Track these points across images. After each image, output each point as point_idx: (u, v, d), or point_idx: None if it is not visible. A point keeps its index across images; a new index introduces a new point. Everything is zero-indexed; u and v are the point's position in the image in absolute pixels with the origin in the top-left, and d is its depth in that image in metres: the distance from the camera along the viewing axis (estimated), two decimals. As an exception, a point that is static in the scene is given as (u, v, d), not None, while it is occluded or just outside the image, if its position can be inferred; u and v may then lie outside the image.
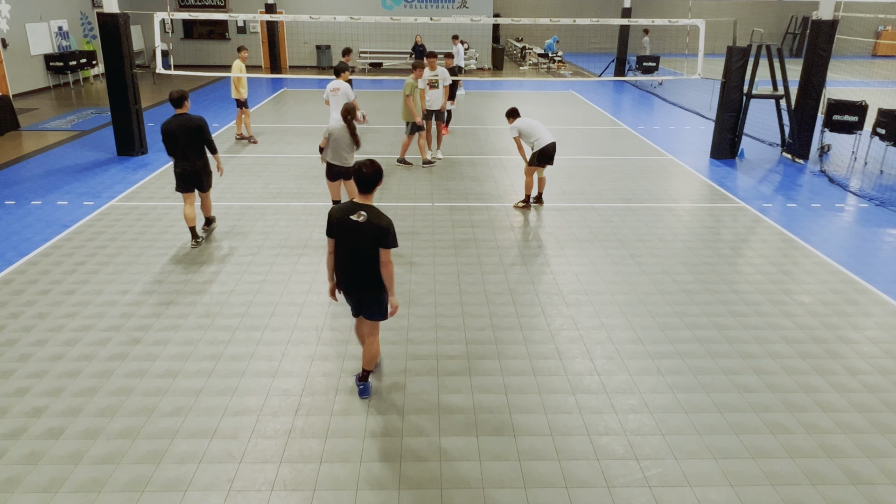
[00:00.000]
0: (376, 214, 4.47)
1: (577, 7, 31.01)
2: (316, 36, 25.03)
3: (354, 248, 4.51)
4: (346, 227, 4.50)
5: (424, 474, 4.17)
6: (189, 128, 7.23)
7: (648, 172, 11.19)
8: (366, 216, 4.45)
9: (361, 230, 4.45)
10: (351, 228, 4.48)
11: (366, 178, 4.47)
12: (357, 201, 4.55)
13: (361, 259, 4.52)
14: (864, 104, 11.59)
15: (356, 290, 4.67)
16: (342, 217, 4.50)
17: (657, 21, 13.44)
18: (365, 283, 4.60)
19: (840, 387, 5.15)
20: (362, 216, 4.45)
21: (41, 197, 9.50)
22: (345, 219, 4.49)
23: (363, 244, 4.47)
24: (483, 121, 15.38)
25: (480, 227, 8.48)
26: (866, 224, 8.83)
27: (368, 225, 4.44)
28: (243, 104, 12.66)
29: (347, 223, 4.49)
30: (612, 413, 4.79)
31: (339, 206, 4.58)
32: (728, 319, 6.17)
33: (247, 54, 12.59)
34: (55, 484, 4.04)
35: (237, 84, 12.37)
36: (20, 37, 17.79)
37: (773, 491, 4.06)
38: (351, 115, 7.39)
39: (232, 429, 4.57)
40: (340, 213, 4.52)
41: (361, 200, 4.55)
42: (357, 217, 4.46)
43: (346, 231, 4.51)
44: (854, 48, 32.28)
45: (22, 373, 5.18)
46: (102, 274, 6.97)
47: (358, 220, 4.45)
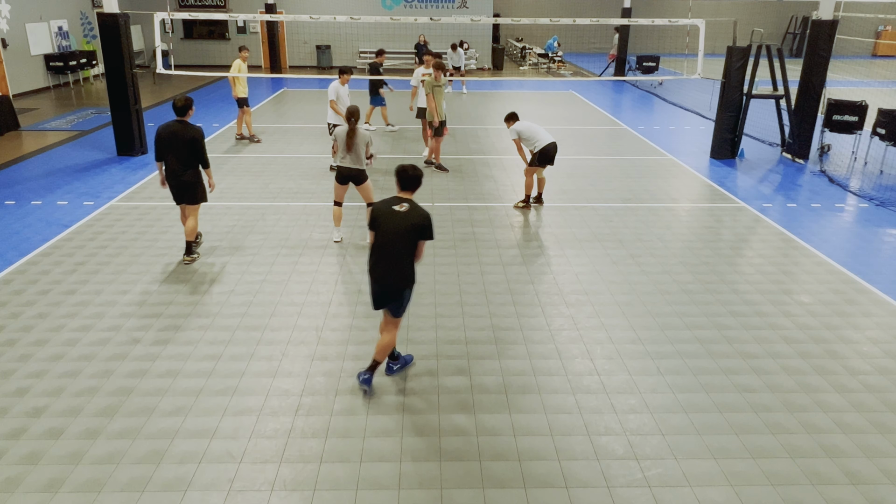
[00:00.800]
0: (417, 207, 4.81)
1: (577, 7, 31.01)
2: (316, 36, 25.03)
3: (393, 240, 4.76)
4: (388, 217, 4.79)
5: (424, 474, 4.17)
6: (182, 138, 6.86)
7: (648, 172, 11.19)
8: (408, 207, 4.79)
9: (403, 220, 4.75)
10: (393, 218, 4.77)
11: (410, 178, 4.86)
12: (399, 196, 4.89)
13: (397, 251, 4.78)
14: (864, 104, 11.59)
15: (384, 284, 4.86)
16: (386, 208, 4.82)
17: (657, 21, 13.44)
18: (394, 277, 4.81)
19: (840, 387, 5.15)
20: (405, 206, 4.79)
21: (41, 197, 9.50)
22: (388, 209, 4.81)
23: (402, 234, 4.74)
24: (483, 121, 15.38)
25: (480, 227, 8.48)
26: (866, 224, 8.83)
27: (410, 215, 4.75)
28: (244, 103, 12.65)
29: (390, 213, 4.79)
30: (612, 413, 4.79)
31: (384, 200, 4.90)
32: (728, 319, 6.17)
33: (247, 54, 12.55)
34: (55, 484, 4.04)
35: (235, 83, 12.36)
36: (20, 37, 17.79)
37: (773, 491, 4.06)
38: (354, 117, 7.29)
39: (232, 429, 4.57)
40: (384, 205, 4.85)
41: (402, 195, 4.89)
42: (400, 207, 4.79)
43: (387, 221, 4.79)
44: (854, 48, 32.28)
45: (22, 373, 5.18)
46: (102, 274, 6.97)
47: (400, 210, 4.78)
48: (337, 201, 7.84)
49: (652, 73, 21.70)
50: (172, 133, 6.90)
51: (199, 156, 6.99)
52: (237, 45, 25.14)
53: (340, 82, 10.52)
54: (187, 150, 6.91)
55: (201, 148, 6.98)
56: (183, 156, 6.93)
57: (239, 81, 12.37)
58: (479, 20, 13.87)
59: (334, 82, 10.53)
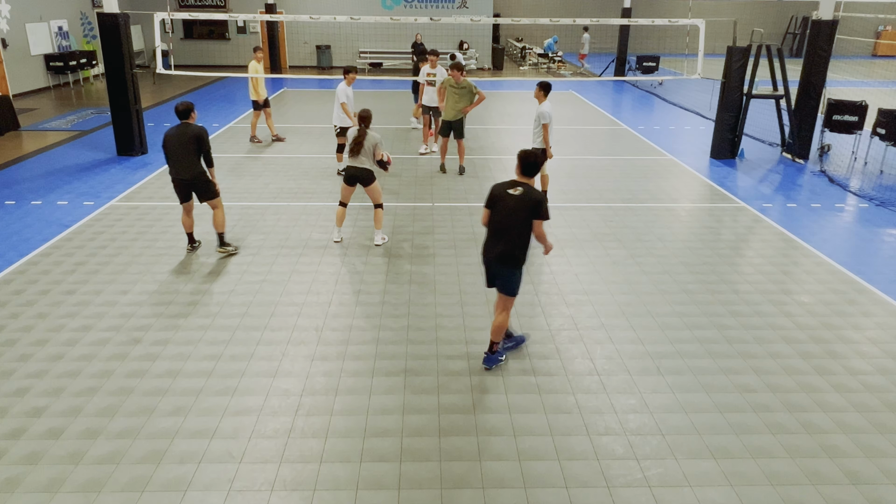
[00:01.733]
0: (531, 189, 5.03)
1: (577, 7, 31.02)
2: (316, 36, 25.03)
3: (506, 221, 5.01)
4: (503, 199, 5.03)
5: (424, 474, 4.17)
6: (185, 137, 6.96)
7: (648, 172, 11.19)
8: (522, 190, 5.00)
9: (517, 202, 4.97)
10: (508, 200, 5.01)
11: (531, 164, 5.07)
12: (516, 180, 5.09)
13: (509, 232, 5.01)
14: (864, 104, 11.59)
15: (496, 263, 5.12)
16: (502, 191, 5.06)
17: (657, 21, 13.44)
18: (506, 257, 5.05)
19: (840, 387, 5.15)
20: (519, 190, 5.00)
21: (41, 197, 9.50)
22: (504, 192, 5.04)
23: (516, 215, 4.98)
24: (483, 121, 15.38)
25: (480, 227, 8.47)
26: (866, 224, 8.83)
27: (525, 197, 4.96)
28: (262, 105, 12.54)
29: (506, 196, 5.02)
30: (612, 413, 4.79)
31: (501, 183, 5.11)
32: (728, 319, 6.17)
33: (262, 54, 12.43)
34: (55, 484, 4.04)
35: (255, 84, 12.25)
36: (20, 37, 17.79)
37: (773, 491, 4.06)
38: (366, 122, 7.34)
39: (232, 429, 4.57)
40: (501, 188, 5.08)
41: (520, 179, 5.09)
42: (514, 191, 5.01)
43: (503, 202, 5.03)
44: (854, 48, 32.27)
45: (22, 373, 5.18)
46: (102, 274, 6.97)
47: (515, 194, 4.99)
48: (342, 202, 7.79)
49: (652, 73, 21.70)
50: (176, 133, 7.03)
51: (204, 153, 7.09)
52: (237, 45, 25.20)
53: (346, 83, 10.22)
54: (192, 148, 7.00)
55: (206, 144, 7.07)
56: (187, 154, 7.01)
57: (258, 83, 12.25)
58: (479, 20, 13.87)
59: (341, 84, 10.20)
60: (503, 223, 5.02)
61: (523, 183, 5.06)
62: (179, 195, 7.29)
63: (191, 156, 7.03)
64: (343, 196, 7.75)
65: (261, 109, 12.54)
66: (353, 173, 7.50)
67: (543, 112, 8.47)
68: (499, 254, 5.05)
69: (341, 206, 7.82)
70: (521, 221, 4.97)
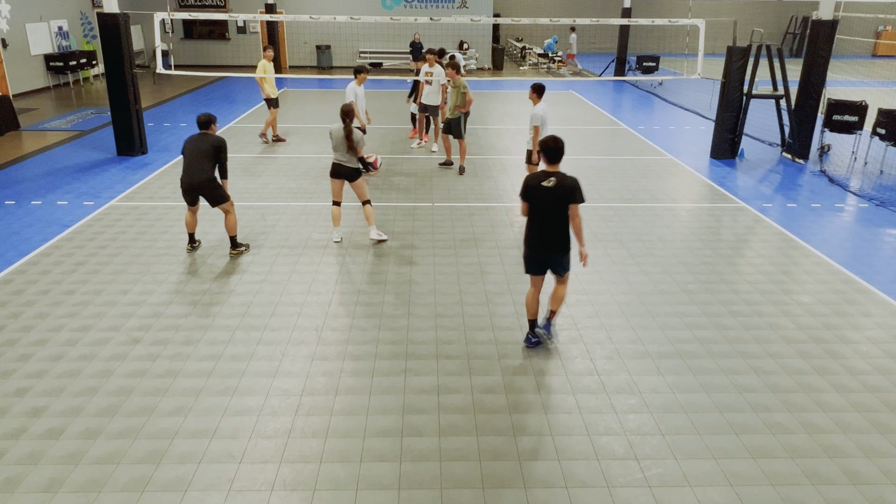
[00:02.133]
0: (563, 177, 5.17)
1: (577, 7, 31.01)
2: (316, 36, 25.04)
3: (546, 211, 5.21)
4: (539, 192, 5.20)
5: (424, 474, 4.17)
6: (205, 144, 7.15)
7: (648, 172, 11.19)
8: (555, 181, 5.15)
9: (552, 193, 5.15)
10: (543, 193, 5.18)
11: (553, 150, 5.22)
12: (547, 170, 5.26)
13: (552, 221, 5.23)
14: (864, 104, 11.58)
15: (546, 252, 5.35)
16: (535, 185, 5.20)
17: (657, 21, 13.45)
18: (554, 245, 5.30)
19: (840, 387, 5.15)
20: (552, 181, 5.15)
21: (41, 197, 9.50)
22: (537, 186, 5.19)
23: (554, 205, 5.17)
24: (483, 121, 15.38)
25: (480, 227, 8.48)
26: (866, 224, 8.83)
27: (558, 188, 5.14)
28: (274, 103, 12.53)
29: (540, 189, 5.18)
30: (612, 413, 4.79)
31: (534, 175, 5.27)
32: (728, 319, 6.17)
33: (272, 53, 12.43)
34: (55, 484, 4.04)
35: (262, 83, 12.26)
36: (20, 37, 17.79)
37: (773, 491, 4.06)
38: (349, 117, 7.40)
39: (232, 429, 4.57)
40: (534, 181, 5.22)
41: (550, 169, 5.27)
42: (547, 183, 5.16)
43: (539, 196, 5.21)
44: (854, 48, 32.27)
45: (22, 373, 5.18)
46: (102, 274, 6.97)
47: (549, 186, 5.16)
48: (335, 201, 7.82)
49: (652, 73, 21.70)
50: (194, 142, 7.21)
51: (220, 163, 7.24)
52: (237, 45, 25.20)
53: (357, 82, 10.09)
54: (209, 155, 7.14)
55: (223, 155, 7.24)
56: (200, 160, 7.12)
57: (267, 81, 12.26)
58: (479, 20, 13.88)
59: (351, 83, 10.09)
60: (544, 216, 5.24)
61: (554, 172, 5.22)
62: (188, 200, 7.32)
63: (205, 162, 7.14)
64: (335, 194, 7.77)
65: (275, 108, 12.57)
66: (338, 170, 7.62)
67: (535, 114, 8.42)
68: (550, 245, 5.31)
69: (335, 206, 7.84)
70: (560, 211, 5.20)
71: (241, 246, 7.59)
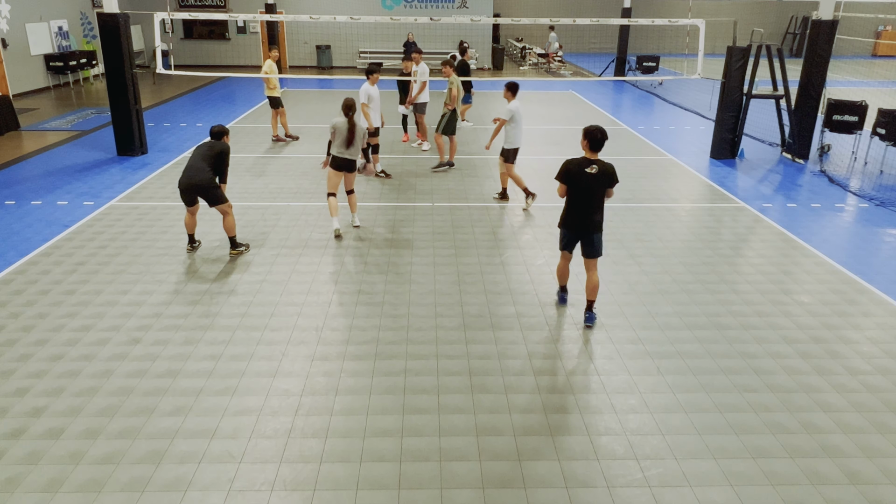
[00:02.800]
0: (603, 164, 5.70)
1: (577, 7, 31.01)
2: (316, 36, 25.04)
3: (587, 198, 5.73)
4: (582, 178, 5.69)
5: (424, 474, 4.17)
6: (213, 149, 7.27)
7: (648, 172, 11.19)
8: (597, 168, 5.66)
9: (596, 180, 5.68)
10: (586, 179, 5.68)
11: (598, 140, 5.68)
12: (588, 157, 5.72)
13: (593, 203, 5.74)
14: (864, 104, 11.58)
15: (583, 232, 5.84)
16: (579, 170, 5.68)
17: (657, 21, 13.44)
18: (591, 225, 5.80)
19: (840, 387, 5.15)
20: (594, 169, 5.66)
21: (41, 197, 9.50)
22: (581, 172, 5.67)
23: (597, 191, 5.72)
24: (483, 121, 15.38)
25: (480, 227, 8.48)
26: (866, 224, 8.83)
27: (601, 174, 5.67)
28: (277, 103, 12.54)
29: (584, 175, 5.68)
30: (612, 413, 4.79)
31: (576, 161, 5.72)
32: (728, 319, 6.17)
33: (277, 53, 12.46)
34: (55, 484, 4.04)
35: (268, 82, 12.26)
36: (20, 37, 17.78)
37: (773, 491, 4.06)
38: (352, 110, 7.70)
39: (232, 429, 4.57)
40: (577, 167, 5.69)
41: (591, 157, 5.72)
42: (591, 170, 5.66)
43: (582, 181, 5.70)
44: (854, 48, 32.27)
45: (22, 373, 5.18)
46: (102, 274, 6.97)
47: (592, 172, 5.67)
48: (331, 192, 8.04)
49: (652, 73, 21.70)
50: (204, 146, 7.36)
51: (221, 168, 7.36)
52: (237, 45, 25.20)
53: (370, 83, 10.02)
54: (210, 159, 7.25)
55: (226, 160, 7.37)
56: (202, 162, 7.21)
57: (270, 81, 12.27)
58: (479, 20, 13.87)
59: (365, 84, 10.06)
60: (586, 199, 5.74)
61: (596, 160, 5.70)
62: (185, 200, 7.33)
63: (206, 165, 7.21)
64: (331, 185, 8.01)
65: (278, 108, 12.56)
66: (342, 164, 7.87)
67: (508, 108, 8.92)
68: (588, 225, 5.80)
69: (332, 196, 8.05)
70: (601, 195, 5.75)
71: (240, 246, 7.59)
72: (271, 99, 12.59)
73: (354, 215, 8.40)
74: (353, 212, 8.38)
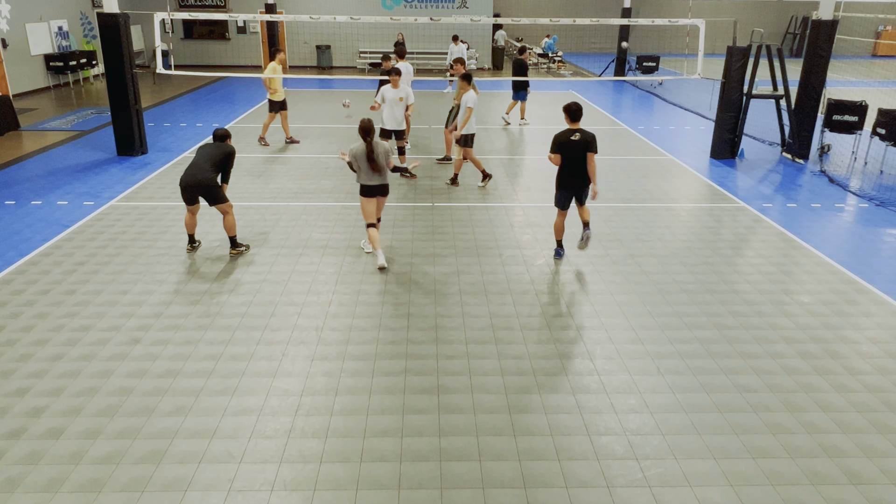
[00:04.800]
0: (584, 132, 6.97)
1: (577, 7, 31.01)
2: (316, 36, 25.03)
3: (576, 160, 6.97)
4: (568, 145, 6.94)
5: (424, 474, 4.17)
6: (219, 150, 7.29)
7: (648, 172, 11.19)
8: (580, 135, 6.92)
9: (579, 145, 6.92)
10: (572, 145, 6.94)
11: (573, 111, 6.98)
12: (571, 127, 6.98)
13: (580, 164, 6.99)
14: (864, 104, 11.58)
15: (576, 186, 7.15)
16: (566, 139, 6.94)
17: (657, 21, 13.45)
18: (581, 180, 7.10)
19: (840, 387, 5.15)
20: (577, 135, 6.93)
21: (41, 197, 9.50)
22: (568, 139, 6.93)
23: (580, 154, 6.95)
24: (483, 120, 15.38)
25: (481, 227, 8.48)
26: (866, 224, 8.83)
27: (582, 140, 6.92)
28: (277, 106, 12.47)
29: (570, 142, 6.93)
30: (612, 413, 4.79)
31: (562, 132, 6.99)
32: (728, 319, 6.17)
33: (284, 56, 12.38)
34: (55, 484, 4.04)
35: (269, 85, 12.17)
36: (20, 37, 17.78)
37: (773, 491, 4.06)
38: (369, 134, 6.92)
39: (232, 429, 4.57)
40: (564, 137, 6.95)
41: (574, 126, 6.98)
42: (574, 137, 6.93)
43: (569, 147, 6.95)
44: (854, 48, 32.27)
45: (22, 373, 5.18)
46: (102, 274, 6.97)
47: (575, 139, 6.93)
48: (370, 223, 7.22)
49: (652, 73, 21.69)
50: (209, 146, 7.40)
51: (225, 169, 7.40)
52: (237, 45, 25.20)
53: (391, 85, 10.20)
54: (215, 159, 7.27)
55: (231, 161, 7.41)
56: (206, 161, 7.22)
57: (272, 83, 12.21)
58: (479, 20, 13.88)
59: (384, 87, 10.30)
60: (576, 161, 6.96)
61: (577, 129, 6.96)
62: (186, 199, 7.32)
63: (209, 165, 7.21)
64: (368, 215, 7.20)
65: (277, 111, 12.53)
66: (375, 189, 7.11)
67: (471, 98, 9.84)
68: (578, 181, 7.09)
69: (371, 228, 7.22)
70: (584, 156, 6.95)
71: (240, 246, 7.59)
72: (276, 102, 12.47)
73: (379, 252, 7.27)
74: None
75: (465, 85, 10.02)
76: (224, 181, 7.45)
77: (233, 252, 7.54)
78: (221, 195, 7.33)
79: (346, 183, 10.29)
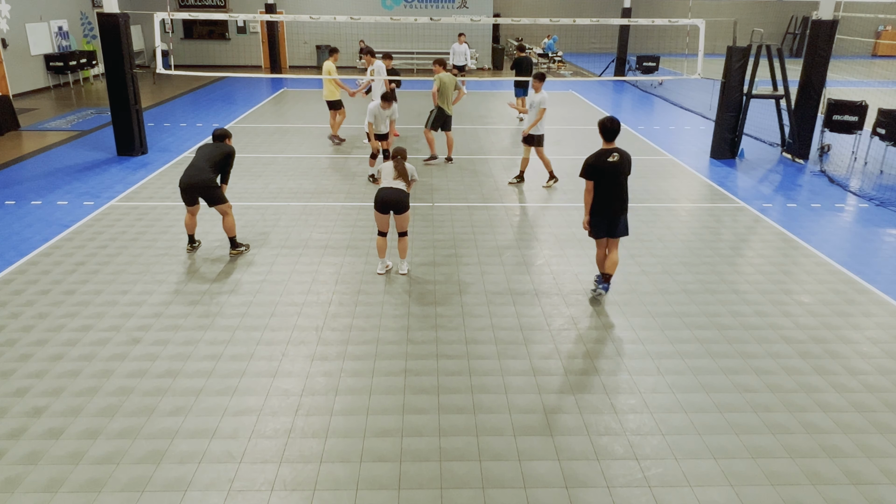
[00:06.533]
0: (621, 152, 6.11)
1: (577, 7, 31.01)
2: (316, 36, 25.04)
3: (616, 186, 6.09)
4: (606, 167, 6.05)
5: (424, 474, 4.17)
6: (218, 150, 7.30)
7: (648, 172, 11.19)
8: (618, 156, 6.06)
9: (618, 167, 6.06)
10: (610, 167, 6.04)
11: (612, 130, 6.08)
12: (606, 148, 6.11)
13: (619, 188, 6.12)
14: (864, 104, 11.58)
15: (612, 215, 6.20)
16: (601, 162, 6.05)
17: (657, 21, 13.44)
18: (620, 208, 6.18)
19: (840, 387, 5.15)
20: (615, 157, 6.05)
21: (41, 197, 9.50)
22: (604, 162, 6.04)
23: (621, 177, 6.10)
24: (483, 120, 15.38)
25: (480, 227, 8.48)
26: (866, 224, 8.83)
27: (621, 161, 6.07)
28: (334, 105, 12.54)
29: (607, 165, 6.05)
30: (612, 413, 4.79)
31: (598, 154, 6.08)
32: (728, 319, 6.17)
33: (338, 56, 12.43)
34: (55, 484, 4.04)
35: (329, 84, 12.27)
36: (20, 37, 17.78)
37: (773, 491, 4.06)
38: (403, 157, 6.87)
39: (232, 429, 4.57)
40: (599, 160, 6.06)
41: (609, 147, 6.12)
42: (612, 159, 6.05)
43: (606, 170, 6.06)
44: (854, 48, 32.27)
45: (22, 373, 5.18)
46: (102, 274, 6.97)
47: (614, 161, 6.05)
48: (382, 231, 6.96)
49: (652, 73, 21.69)
50: (208, 146, 7.40)
51: (225, 169, 7.41)
52: (237, 45, 25.20)
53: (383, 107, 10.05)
54: (214, 159, 7.27)
55: (230, 162, 7.41)
56: (208, 163, 7.23)
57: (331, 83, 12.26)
58: (479, 20, 13.88)
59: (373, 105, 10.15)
60: (614, 187, 6.11)
61: (614, 148, 6.11)
62: (185, 199, 7.32)
63: (208, 165, 7.21)
64: (381, 225, 6.91)
65: (337, 109, 12.58)
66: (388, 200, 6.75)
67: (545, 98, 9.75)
68: (617, 208, 6.18)
69: (381, 236, 7.00)
70: (625, 179, 6.15)
71: (240, 246, 7.60)
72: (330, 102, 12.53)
73: (403, 261, 7.09)
74: (403, 257, 7.08)
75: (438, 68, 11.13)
76: (223, 181, 7.45)
77: (233, 252, 7.54)
78: (221, 196, 7.32)
79: (347, 183, 10.29)
